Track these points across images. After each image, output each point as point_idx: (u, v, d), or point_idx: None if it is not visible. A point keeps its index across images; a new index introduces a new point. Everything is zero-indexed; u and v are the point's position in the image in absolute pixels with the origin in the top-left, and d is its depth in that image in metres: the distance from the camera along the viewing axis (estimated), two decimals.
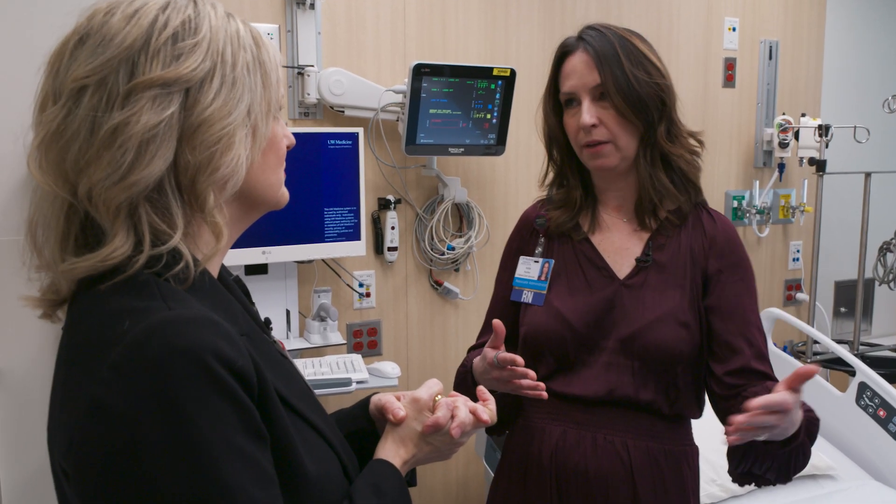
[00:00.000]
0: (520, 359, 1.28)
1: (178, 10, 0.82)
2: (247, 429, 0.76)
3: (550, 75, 1.47)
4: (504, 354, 1.29)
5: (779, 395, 1.13)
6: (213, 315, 0.78)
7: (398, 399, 1.05)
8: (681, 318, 1.38)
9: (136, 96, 0.78)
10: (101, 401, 0.73)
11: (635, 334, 1.38)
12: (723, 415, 1.40)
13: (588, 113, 1.38)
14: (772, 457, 1.29)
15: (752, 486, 2.42)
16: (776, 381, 1.33)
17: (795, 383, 1.15)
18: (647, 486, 1.38)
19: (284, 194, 0.95)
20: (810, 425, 1.29)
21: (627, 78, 1.36)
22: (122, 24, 0.80)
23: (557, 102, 1.46)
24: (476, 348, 1.58)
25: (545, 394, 1.29)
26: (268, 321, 0.91)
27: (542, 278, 1.47)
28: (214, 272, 0.91)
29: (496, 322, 1.31)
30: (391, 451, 1.00)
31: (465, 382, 1.45)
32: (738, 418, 1.12)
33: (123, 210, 0.78)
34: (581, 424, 1.40)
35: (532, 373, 1.29)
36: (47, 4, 1.73)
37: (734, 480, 1.40)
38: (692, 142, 1.45)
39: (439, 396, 1.04)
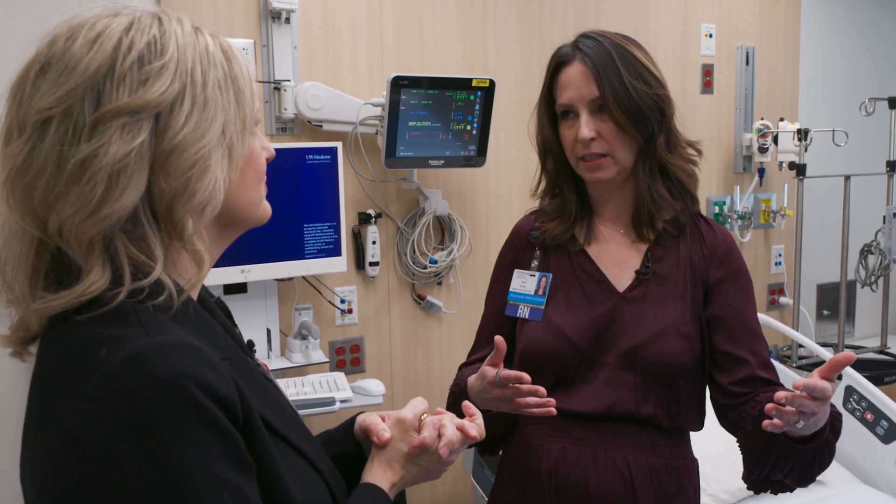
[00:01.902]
0: (526, 376, 1.24)
1: (143, 30, 0.78)
2: (231, 459, 0.73)
3: (545, 85, 1.43)
4: (507, 372, 1.25)
5: (820, 381, 1.09)
6: (194, 341, 0.75)
7: (383, 419, 1.02)
8: (682, 331, 1.36)
9: (103, 126, 0.74)
10: (77, 434, 0.69)
11: (637, 348, 1.35)
12: (729, 424, 1.38)
13: (587, 127, 1.34)
14: (795, 456, 1.24)
15: (750, 494, 2.43)
16: (782, 386, 1.31)
17: (832, 372, 1.11)
18: (650, 502, 1.35)
19: (266, 210, 0.92)
20: (834, 420, 1.26)
21: (627, 90, 1.33)
22: (85, 51, 0.76)
23: (552, 112, 1.43)
24: (467, 366, 1.53)
25: (554, 410, 1.26)
26: (251, 343, 0.88)
27: (540, 293, 1.43)
28: (195, 296, 0.88)
29: (498, 338, 1.26)
30: (378, 474, 0.97)
31: (459, 402, 1.40)
32: (781, 394, 1.09)
33: (97, 244, 0.75)
34: (581, 440, 1.37)
35: (542, 389, 1.25)
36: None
37: (749, 487, 1.36)
38: (690, 151, 1.42)
39: (425, 415, 1.01)
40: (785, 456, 1.26)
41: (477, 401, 1.34)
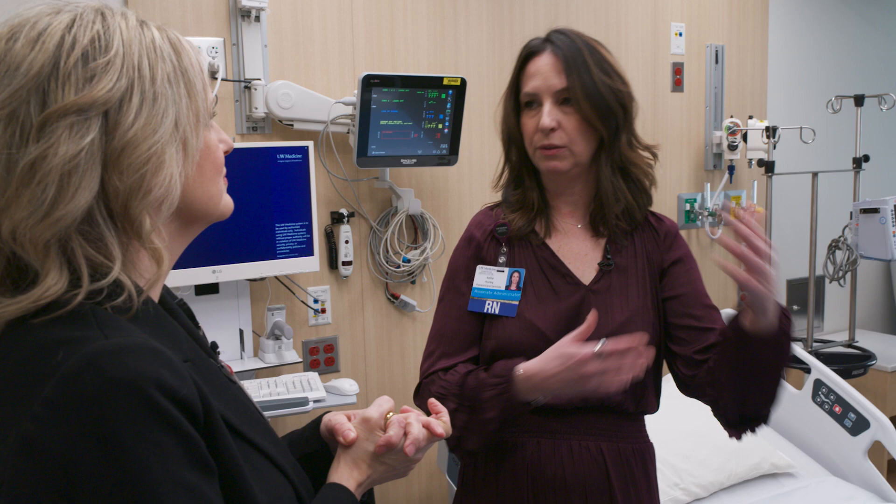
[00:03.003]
0: (644, 335, 1.21)
1: (86, 26, 0.77)
2: (192, 461, 0.73)
3: (513, 74, 1.45)
4: (611, 344, 1.21)
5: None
6: (153, 342, 0.74)
7: (349, 419, 1.01)
8: (646, 318, 1.42)
9: (50, 127, 0.73)
10: (34, 439, 0.68)
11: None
12: (695, 391, 1.41)
13: (549, 116, 1.37)
14: (759, 355, 1.27)
15: (722, 487, 2.46)
16: None
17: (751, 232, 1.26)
18: (622, 488, 1.39)
19: (227, 204, 0.91)
20: (782, 317, 1.27)
21: (595, 83, 1.36)
22: (27, 51, 0.74)
23: (517, 102, 1.45)
24: (433, 373, 1.44)
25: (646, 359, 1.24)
26: (214, 345, 0.87)
27: (514, 288, 1.44)
28: (156, 296, 0.87)
29: (594, 313, 1.25)
30: (344, 474, 0.97)
31: (475, 402, 1.35)
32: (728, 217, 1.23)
33: (53, 247, 0.74)
34: (555, 433, 1.39)
35: (644, 334, 1.22)
36: None
37: (731, 435, 1.40)
38: (646, 154, 1.46)
39: (391, 414, 1.00)
40: (751, 365, 1.29)
41: (539, 386, 1.28)
